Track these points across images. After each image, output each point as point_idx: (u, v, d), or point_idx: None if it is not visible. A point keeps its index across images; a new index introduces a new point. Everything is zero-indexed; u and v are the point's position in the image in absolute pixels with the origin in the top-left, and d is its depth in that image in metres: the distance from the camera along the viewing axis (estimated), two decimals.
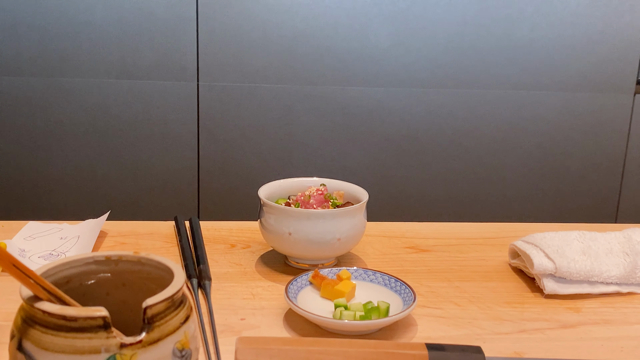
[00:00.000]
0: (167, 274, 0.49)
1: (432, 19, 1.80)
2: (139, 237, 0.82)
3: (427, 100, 1.86)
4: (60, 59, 1.95)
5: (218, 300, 0.68)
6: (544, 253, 0.72)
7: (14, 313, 0.47)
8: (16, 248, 0.74)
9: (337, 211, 0.72)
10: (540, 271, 0.70)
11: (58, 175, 2.04)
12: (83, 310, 0.43)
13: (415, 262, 0.79)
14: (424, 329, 0.64)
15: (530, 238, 0.75)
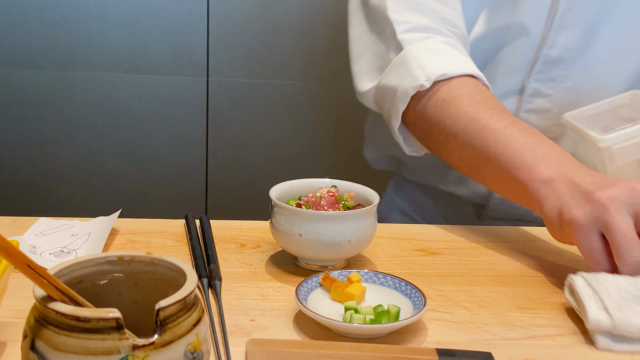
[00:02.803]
0: (179, 275, 0.49)
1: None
2: (149, 235, 0.82)
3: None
4: (70, 53, 1.95)
5: (228, 300, 0.68)
6: (603, 304, 0.63)
7: (25, 310, 0.48)
8: (27, 244, 0.74)
9: (348, 213, 0.72)
10: (595, 327, 0.63)
11: (67, 168, 2.04)
12: (96, 312, 0.43)
13: (425, 265, 0.79)
14: (434, 333, 0.64)
15: (591, 278, 0.67)
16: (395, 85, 0.89)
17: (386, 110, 0.92)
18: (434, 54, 0.88)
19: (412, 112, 0.89)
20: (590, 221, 0.69)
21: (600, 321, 0.62)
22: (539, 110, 1.00)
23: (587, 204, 0.70)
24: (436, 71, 0.86)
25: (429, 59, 0.88)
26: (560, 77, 0.98)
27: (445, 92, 0.86)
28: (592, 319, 0.62)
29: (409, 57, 0.89)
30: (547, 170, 0.75)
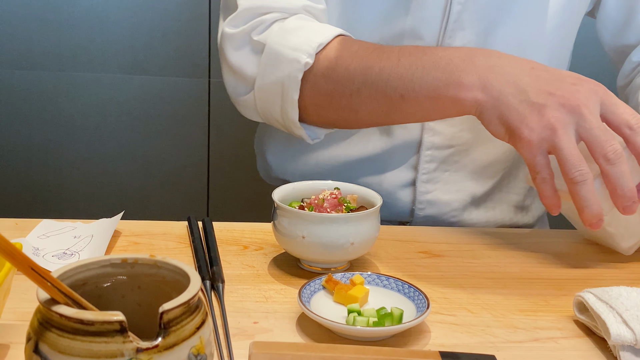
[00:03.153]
0: (182, 278, 0.49)
1: None
2: (152, 237, 0.82)
3: None
4: (72, 54, 1.96)
5: (231, 302, 0.68)
6: (622, 319, 0.62)
7: (28, 312, 0.48)
8: (30, 247, 0.74)
9: (351, 215, 0.72)
10: (617, 342, 0.61)
11: (69, 170, 2.04)
12: (100, 315, 0.43)
13: (428, 267, 0.78)
14: (437, 335, 0.64)
15: (602, 294, 0.66)
16: (278, 78, 0.87)
17: (276, 108, 0.89)
18: (298, 32, 0.86)
19: (304, 96, 0.87)
20: (538, 142, 0.72)
21: (623, 336, 0.61)
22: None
23: (534, 123, 0.72)
24: (311, 44, 0.85)
25: (297, 38, 0.86)
26: None
27: (327, 60, 0.85)
28: (614, 334, 0.61)
29: (277, 48, 0.86)
30: (467, 77, 0.77)
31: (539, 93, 0.73)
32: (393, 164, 1.00)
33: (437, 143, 0.98)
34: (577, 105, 0.71)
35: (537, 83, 0.74)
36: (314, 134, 0.93)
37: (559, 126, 0.71)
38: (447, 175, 1.00)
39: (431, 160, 0.98)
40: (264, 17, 0.89)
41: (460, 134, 0.98)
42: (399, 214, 1.02)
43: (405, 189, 1.00)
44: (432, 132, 0.97)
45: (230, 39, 0.90)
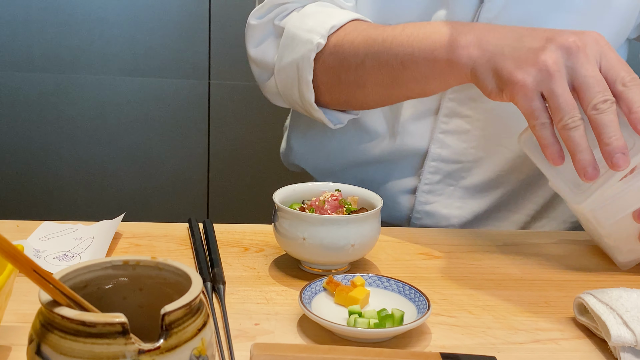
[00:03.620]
0: (184, 280, 0.49)
1: None
2: (153, 238, 0.82)
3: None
4: (72, 56, 1.96)
5: (232, 304, 0.68)
6: (622, 320, 0.62)
7: (29, 314, 0.48)
8: (31, 248, 0.74)
9: (352, 217, 0.72)
10: (618, 343, 0.61)
11: (69, 172, 2.04)
12: (102, 316, 0.43)
13: (428, 268, 0.79)
14: (438, 337, 0.64)
15: (603, 295, 0.66)
16: (293, 59, 0.89)
17: (295, 90, 0.91)
18: (315, 16, 0.89)
19: (317, 76, 0.89)
20: (534, 85, 0.71)
21: (623, 337, 0.61)
22: (456, 132, 0.96)
23: (529, 67, 0.71)
24: (325, 26, 0.87)
25: (313, 21, 0.88)
26: (482, 98, 0.92)
27: (337, 38, 0.87)
28: (615, 335, 0.61)
29: (293, 30, 0.89)
30: (465, 37, 0.76)
31: (537, 39, 0.72)
32: (399, 169, 1.00)
33: (443, 155, 0.97)
34: (576, 48, 0.70)
35: (536, 32, 0.73)
36: (335, 118, 0.93)
37: (555, 69, 0.69)
38: (451, 190, 1.00)
39: (435, 171, 0.98)
40: (287, 5, 0.92)
41: (469, 151, 0.97)
42: (396, 218, 1.02)
43: (406, 195, 1.00)
44: (440, 143, 0.96)
45: (253, 29, 0.94)
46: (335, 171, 1.05)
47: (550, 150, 0.71)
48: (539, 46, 0.71)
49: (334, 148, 1.04)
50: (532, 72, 0.70)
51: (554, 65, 0.69)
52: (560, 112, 0.69)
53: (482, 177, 0.99)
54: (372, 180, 1.02)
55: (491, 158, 0.98)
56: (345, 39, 0.86)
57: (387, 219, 1.02)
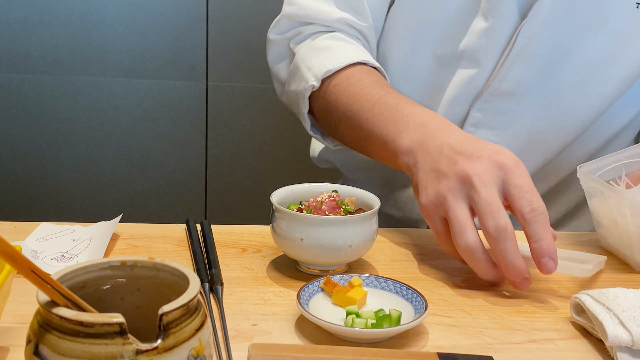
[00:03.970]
0: (182, 280, 0.49)
1: None
2: (150, 240, 0.82)
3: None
4: (70, 57, 1.96)
5: (230, 305, 0.68)
6: (619, 320, 0.62)
7: (27, 315, 0.48)
8: (29, 249, 0.74)
9: (349, 218, 0.72)
10: (614, 343, 0.61)
11: (66, 173, 2.04)
12: (100, 317, 0.43)
13: (426, 269, 0.79)
14: (436, 337, 0.64)
15: (599, 295, 0.66)
16: (294, 90, 0.95)
17: (297, 113, 0.98)
18: (319, 53, 0.92)
19: (314, 109, 0.95)
20: (433, 209, 0.74)
21: (620, 337, 0.61)
22: None
23: (432, 189, 0.74)
24: (321, 69, 0.90)
25: (315, 59, 0.92)
26: (511, 112, 0.95)
27: (327, 86, 0.91)
28: (611, 334, 0.61)
29: (299, 62, 0.94)
30: (406, 140, 0.79)
31: (449, 162, 0.73)
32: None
33: None
34: (468, 176, 0.71)
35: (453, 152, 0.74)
36: (332, 142, 0.99)
37: (448, 194, 0.71)
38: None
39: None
40: (304, 27, 0.96)
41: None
42: (417, 220, 1.04)
43: None
44: None
45: (272, 44, 1.00)
46: (363, 168, 1.07)
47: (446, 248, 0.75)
48: (444, 171, 0.73)
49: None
50: (432, 196, 0.73)
51: (448, 192, 0.72)
52: (453, 230, 0.71)
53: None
54: (398, 180, 1.03)
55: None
56: (332, 90, 0.90)
57: (407, 220, 1.03)
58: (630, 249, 0.80)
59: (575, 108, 0.96)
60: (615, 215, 0.80)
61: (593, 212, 0.86)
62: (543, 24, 0.88)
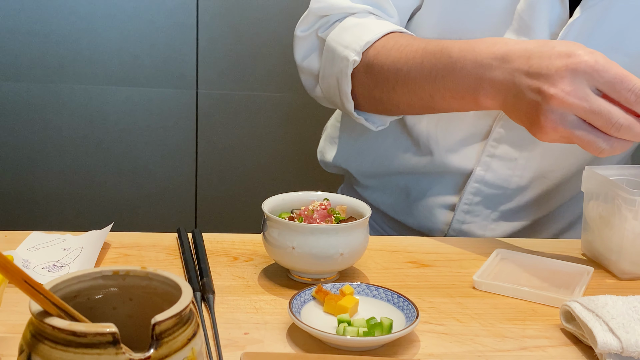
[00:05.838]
0: (174, 290, 0.49)
1: None
2: (141, 248, 0.82)
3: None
4: (59, 65, 1.95)
5: (221, 314, 0.68)
6: (608, 327, 0.63)
7: (19, 325, 0.48)
8: (20, 259, 0.74)
9: (340, 226, 0.72)
10: (604, 350, 0.62)
11: (56, 182, 2.04)
12: (92, 327, 0.43)
13: (417, 277, 0.79)
14: (427, 345, 0.65)
15: (589, 302, 0.66)
16: (333, 72, 0.93)
17: (338, 99, 0.95)
18: (352, 30, 0.92)
19: (355, 88, 0.92)
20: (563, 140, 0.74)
21: (609, 344, 0.61)
22: (503, 158, 0.97)
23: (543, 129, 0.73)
24: (360, 43, 0.90)
25: (350, 36, 0.91)
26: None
27: (369, 57, 0.90)
28: (601, 341, 0.62)
29: (333, 44, 0.93)
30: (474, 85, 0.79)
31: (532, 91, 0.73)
32: (440, 184, 1.02)
33: (487, 179, 0.99)
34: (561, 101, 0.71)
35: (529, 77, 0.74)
36: (378, 120, 0.96)
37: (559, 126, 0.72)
38: (488, 213, 1.02)
39: (476, 193, 1.00)
40: (330, 16, 0.95)
41: (513, 179, 0.99)
42: (430, 229, 1.04)
43: (444, 210, 1.02)
44: (485, 166, 0.98)
45: (300, 41, 0.98)
46: (377, 175, 1.07)
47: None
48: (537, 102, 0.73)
49: (380, 154, 1.06)
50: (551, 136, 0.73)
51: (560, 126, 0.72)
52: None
53: (519, 203, 1.02)
54: (413, 190, 1.04)
55: (533, 188, 1.00)
56: (375, 62, 0.89)
57: (421, 229, 1.04)
58: (618, 255, 0.81)
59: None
60: (613, 217, 0.81)
61: (586, 216, 0.86)
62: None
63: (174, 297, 0.48)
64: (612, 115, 0.70)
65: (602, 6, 0.89)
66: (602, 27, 0.91)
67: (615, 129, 0.70)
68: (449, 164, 0.99)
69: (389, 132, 1.02)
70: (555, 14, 0.90)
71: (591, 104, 0.70)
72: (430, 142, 1.00)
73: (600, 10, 0.89)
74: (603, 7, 0.89)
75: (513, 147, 0.97)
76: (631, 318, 0.64)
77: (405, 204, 1.05)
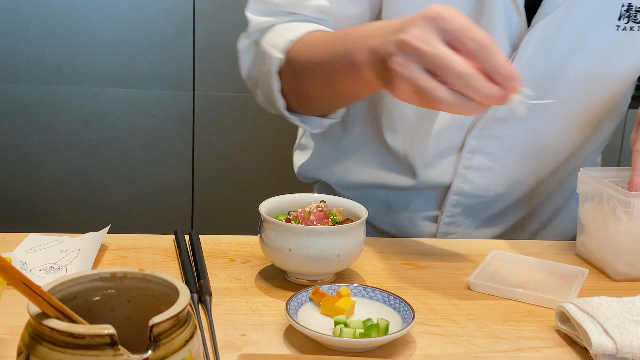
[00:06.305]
0: (172, 292, 0.50)
1: None
2: (139, 250, 0.82)
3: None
4: (56, 67, 1.95)
5: (218, 315, 0.68)
6: (603, 328, 0.64)
7: (16, 326, 0.48)
8: (17, 261, 0.74)
9: (337, 228, 0.72)
10: (599, 351, 0.62)
11: (53, 183, 2.04)
12: (91, 328, 0.43)
13: (412, 278, 0.79)
14: (423, 346, 0.65)
15: (584, 304, 0.67)
16: (264, 72, 0.93)
17: (269, 98, 0.95)
18: (280, 31, 0.92)
19: (284, 87, 0.92)
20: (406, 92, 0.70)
21: (604, 345, 0.62)
22: (479, 168, 0.99)
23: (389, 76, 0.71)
24: (283, 41, 0.90)
25: (277, 37, 0.92)
26: (504, 136, 0.98)
27: (291, 53, 0.90)
28: (596, 343, 0.62)
29: (263, 45, 0.94)
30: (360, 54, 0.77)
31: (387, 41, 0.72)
32: (421, 198, 1.03)
33: (466, 190, 1.00)
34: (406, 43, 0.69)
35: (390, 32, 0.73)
36: (315, 123, 0.95)
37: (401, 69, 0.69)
38: (470, 221, 1.03)
39: (457, 204, 1.01)
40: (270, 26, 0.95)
41: (491, 187, 1.00)
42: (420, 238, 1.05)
43: (427, 222, 1.03)
44: (463, 179, 0.99)
45: (242, 54, 0.99)
46: (359, 187, 1.07)
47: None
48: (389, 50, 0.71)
49: (359, 169, 1.06)
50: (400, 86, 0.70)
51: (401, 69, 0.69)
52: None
53: (500, 208, 1.03)
54: (395, 204, 1.05)
55: (511, 194, 1.02)
56: (295, 55, 0.89)
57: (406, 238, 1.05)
58: (613, 256, 0.82)
59: (565, 130, 0.99)
60: (608, 218, 0.81)
61: (581, 218, 0.87)
62: (532, 54, 0.92)
63: (171, 299, 0.48)
64: (453, 63, 0.67)
65: (560, 11, 0.90)
66: (562, 31, 0.92)
67: (455, 77, 0.67)
68: (427, 178, 1.00)
69: (366, 146, 1.03)
70: (514, 25, 0.91)
71: (434, 48, 0.68)
72: (408, 158, 1.01)
73: (558, 16, 0.90)
74: (561, 12, 0.90)
75: (487, 157, 0.99)
76: (626, 319, 0.65)
77: (388, 217, 1.06)
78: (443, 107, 0.69)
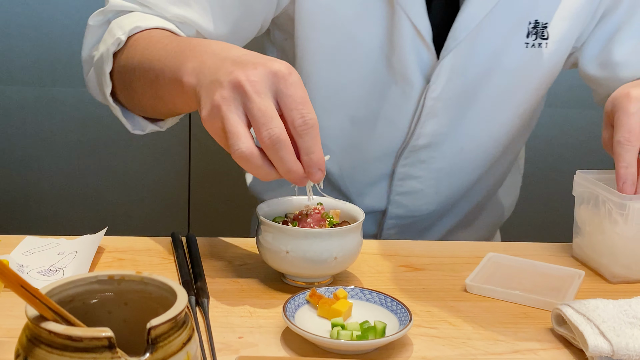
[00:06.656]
0: (169, 294, 0.50)
1: None
2: (136, 253, 0.82)
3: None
4: (52, 69, 1.95)
5: (216, 318, 0.68)
6: (599, 330, 0.64)
7: (14, 329, 0.48)
8: (15, 263, 0.74)
9: (334, 230, 0.73)
10: (595, 353, 0.62)
11: (49, 185, 2.03)
12: (88, 331, 0.44)
13: (410, 281, 0.80)
14: (420, 348, 0.65)
15: (580, 306, 0.67)
16: (102, 51, 0.87)
17: (100, 81, 0.90)
18: (134, 17, 0.88)
19: (114, 74, 0.87)
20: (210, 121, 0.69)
21: (600, 347, 0.62)
22: (410, 192, 1.03)
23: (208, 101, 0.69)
24: (131, 27, 0.85)
25: (128, 20, 0.87)
26: (430, 159, 1.01)
27: (133, 40, 0.85)
28: (592, 345, 0.62)
29: (112, 25, 0.88)
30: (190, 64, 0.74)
31: (225, 72, 0.70)
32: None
33: (400, 214, 1.06)
34: (240, 83, 0.67)
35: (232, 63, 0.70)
36: (138, 124, 0.92)
37: (222, 104, 0.67)
38: (407, 236, 1.08)
39: (394, 226, 1.07)
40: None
41: (423, 207, 1.05)
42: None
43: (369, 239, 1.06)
44: (396, 204, 1.05)
45: (90, 29, 0.92)
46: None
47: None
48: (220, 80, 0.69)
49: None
50: (208, 108, 0.69)
51: (222, 100, 0.68)
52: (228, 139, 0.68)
53: (435, 219, 1.09)
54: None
55: (443, 207, 1.07)
56: (135, 42, 0.85)
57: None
58: (609, 258, 0.82)
59: (486, 145, 1.04)
60: (604, 221, 0.81)
61: (577, 220, 0.87)
62: (446, 82, 0.95)
63: (169, 302, 0.48)
64: (273, 124, 0.66)
65: (466, 42, 0.93)
66: (473, 56, 0.95)
67: (268, 137, 0.66)
68: (362, 205, 0.99)
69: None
70: (424, 60, 0.94)
71: (263, 101, 0.67)
72: (341, 188, 1.04)
73: (466, 46, 0.93)
74: (468, 42, 0.93)
75: (418, 181, 1.03)
76: (622, 321, 0.65)
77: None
78: (241, 159, 0.67)
